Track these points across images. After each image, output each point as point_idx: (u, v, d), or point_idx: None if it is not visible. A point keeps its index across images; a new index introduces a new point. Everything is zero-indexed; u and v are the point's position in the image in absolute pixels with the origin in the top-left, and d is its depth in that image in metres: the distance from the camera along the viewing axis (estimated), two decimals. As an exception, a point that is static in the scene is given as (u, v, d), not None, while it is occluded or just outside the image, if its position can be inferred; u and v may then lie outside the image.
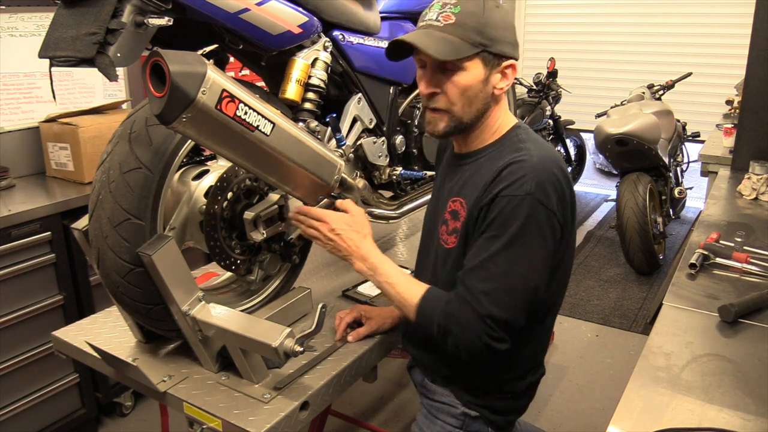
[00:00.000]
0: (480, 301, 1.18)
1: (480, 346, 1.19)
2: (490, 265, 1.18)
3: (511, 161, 1.22)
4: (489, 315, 1.17)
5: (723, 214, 2.13)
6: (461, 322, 1.19)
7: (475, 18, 1.21)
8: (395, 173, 1.88)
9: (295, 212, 1.40)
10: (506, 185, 1.19)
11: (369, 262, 1.33)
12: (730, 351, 1.28)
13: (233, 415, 1.25)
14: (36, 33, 2.55)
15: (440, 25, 1.22)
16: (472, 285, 1.19)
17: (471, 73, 1.24)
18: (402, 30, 1.91)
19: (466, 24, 1.21)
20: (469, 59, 1.22)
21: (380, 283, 1.33)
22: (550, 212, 1.20)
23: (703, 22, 5.17)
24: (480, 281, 1.19)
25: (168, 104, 1.06)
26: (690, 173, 4.73)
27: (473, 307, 1.18)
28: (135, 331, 1.52)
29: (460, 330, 1.19)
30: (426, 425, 1.42)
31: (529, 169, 1.20)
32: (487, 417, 1.37)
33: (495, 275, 1.18)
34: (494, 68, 1.26)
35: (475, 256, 1.21)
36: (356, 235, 1.34)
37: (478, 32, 1.21)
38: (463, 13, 1.21)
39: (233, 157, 1.24)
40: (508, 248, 1.18)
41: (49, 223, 2.23)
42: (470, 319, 1.18)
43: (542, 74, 4.88)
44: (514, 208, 1.18)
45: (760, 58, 2.46)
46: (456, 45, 1.21)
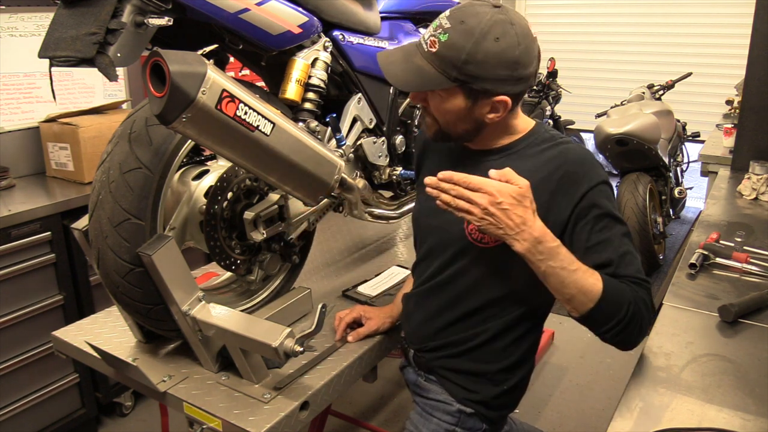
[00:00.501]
0: (644, 279, 1.21)
1: (650, 321, 1.24)
2: (625, 248, 1.21)
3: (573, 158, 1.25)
4: (650, 285, 1.23)
5: (723, 214, 2.13)
6: (647, 303, 1.20)
7: (457, 53, 1.15)
8: (395, 173, 1.88)
9: (440, 178, 1.14)
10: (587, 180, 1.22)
11: (544, 245, 1.13)
12: (730, 351, 1.28)
13: (233, 415, 1.25)
14: (36, 33, 2.55)
15: (424, 50, 1.20)
16: (630, 271, 1.21)
17: (449, 100, 1.22)
18: (402, 30, 1.91)
19: (445, 57, 1.16)
20: (446, 89, 1.20)
21: (554, 269, 1.15)
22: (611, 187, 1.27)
23: (703, 22, 5.17)
24: (631, 265, 1.21)
25: (168, 104, 1.06)
26: (690, 173, 4.73)
27: (644, 286, 1.21)
28: (135, 331, 1.52)
29: (647, 310, 1.20)
30: (421, 423, 1.42)
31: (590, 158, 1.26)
32: (482, 413, 1.38)
33: (633, 254, 1.22)
34: (479, 100, 1.21)
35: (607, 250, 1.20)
36: (525, 212, 1.12)
37: (456, 68, 1.16)
38: (447, 45, 1.16)
39: (233, 157, 1.24)
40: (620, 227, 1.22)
41: (49, 223, 2.23)
42: (647, 296, 1.21)
43: (542, 74, 4.87)
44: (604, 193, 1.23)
45: (760, 58, 2.46)
46: (428, 77, 1.19)
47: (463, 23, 1.15)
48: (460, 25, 1.16)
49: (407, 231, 2.38)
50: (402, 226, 2.41)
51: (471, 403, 1.38)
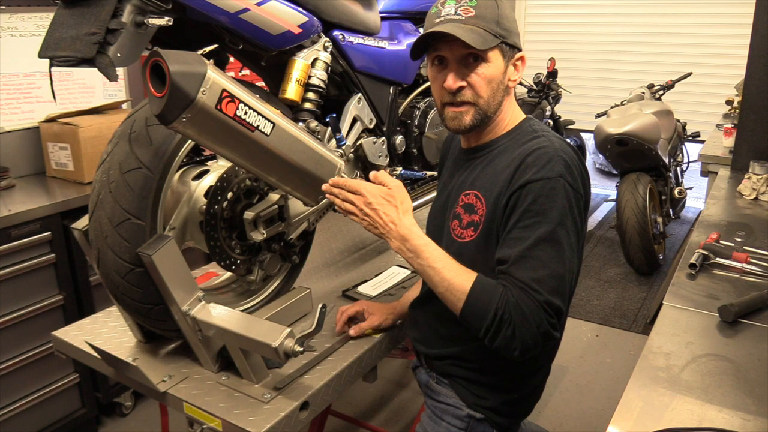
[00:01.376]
0: (536, 289, 1.13)
1: (537, 336, 1.14)
2: (536, 252, 1.15)
3: (536, 147, 1.22)
4: (547, 302, 1.13)
5: (723, 214, 2.13)
6: (523, 311, 1.13)
7: (492, 9, 1.23)
8: (395, 173, 1.88)
9: (329, 184, 1.28)
10: (536, 170, 1.18)
11: (410, 242, 1.22)
12: (730, 351, 1.28)
13: (233, 415, 1.25)
14: (36, 33, 2.55)
15: (462, 18, 1.22)
16: (522, 275, 1.14)
17: (494, 64, 1.25)
18: (402, 30, 1.91)
19: (486, 15, 1.23)
20: (492, 50, 1.24)
21: (422, 267, 1.22)
22: (578, 194, 1.21)
23: (703, 22, 5.17)
24: (530, 270, 1.14)
25: (168, 104, 1.06)
26: (690, 173, 4.73)
27: (531, 295, 1.13)
28: (135, 331, 1.52)
29: (522, 318, 1.13)
30: (431, 426, 1.41)
31: (554, 153, 1.20)
32: (493, 419, 1.36)
33: (544, 262, 1.15)
34: (510, 59, 1.28)
35: (515, 246, 1.16)
36: (394, 211, 1.24)
37: (497, 23, 1.23)
38: (481, 6, 1.23)
39: (233, 157, 1.24)
40: (552, 233, 1.15)
41: (49, 223, 2.23)
42: (531, 307, 1.13)
43: (542, 74, 4.88)
44: (551, 191, 1.16)
45: (760, 58, 2.46)
46: (483, 36, 1.21)
47: None
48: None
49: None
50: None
51: (481, 409, 1.36)
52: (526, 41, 6.04)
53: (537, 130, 1.30)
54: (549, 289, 1.14)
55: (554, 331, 1.16)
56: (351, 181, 1.27)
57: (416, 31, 1.97)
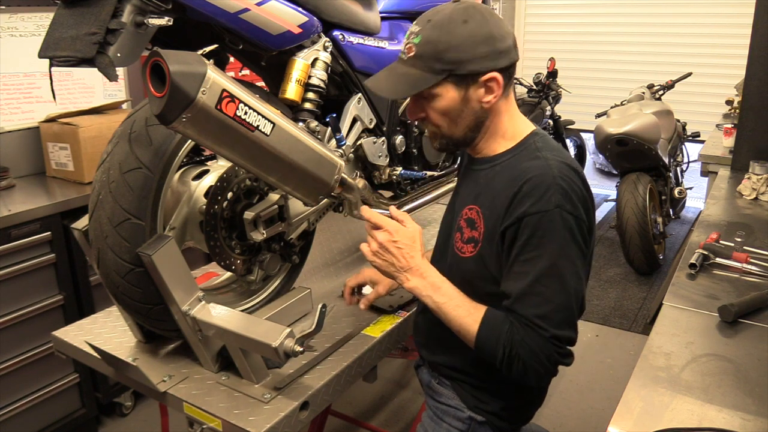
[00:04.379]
0: (541, 326, 1.14)
1: (549, 367, 1.17)
2: (538, 289, 1.15)
3: (532, 175, 1.18)
4: (554, 336, 1.15)
5: (723, 214, 2.13)
6: (530, 347, 1.15)
7: (433, 46, 1.19)
8: (395, 173, 1.87)
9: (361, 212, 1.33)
10: (533, 201, 1.16)
11: (429, 279, 1.25)
12: (730, 351, 1.28)
13: (233, 415, 1.25)
14: (36, 33, 2.55)
15: (404, 59, 1.24)
16: (527, 312, 1.15)
17: (444, 97, 1.23)
18: (402, 30, 1.91)
19: (424, 54, 1.20)
20: (438, 85, 1.21)
21: (438, 305, 1.24)
22: (579, 220, 1.18)
23: (703, 22, 5.17)
24: (534, 307, 1.15)
25: (168, 104, 1.06)
26: (690, 173, 4.73)
27: (537, 332, 1.15)
28: (135, 331, 1.52)
29: (529, 354, 1.15)
30: (431, 427, 1.41)
31: (552, 181, 1.16)
32: (494, 423, 1.36)
33: (548, 297, 1.15)
34: (471, 86, 1.22)
35: (518, 281, 1.17)
36: (416, 252, 1.27)
37: (438, 59, 1.19)
38: (423, 43, 1.20)
39: (233, 157, 1.24)
40: (552, 266, 1.15)
41: (49, 223, 2.23)
42: (538, 342, 1.15)
43: (542, 74, 4.88)
44: (549, 223, 1.14)
45: (760, 58, 2.46)
46: (415, 79, 1.21)
47: (430, 21, 1.21)
48: (428, 23, 1.21)
49: (407, 231, 2.38)
50: (402, 226, 2.41)
51: (483, 413, 1.35)
52: (526, 41, 6.04)
53: (540, 148, 1.25)
54: (554, 323, 1.15)
55: (565, 359, 1.18)
56: (377, 217, 1.28)
57: (416, 31, 1.97)
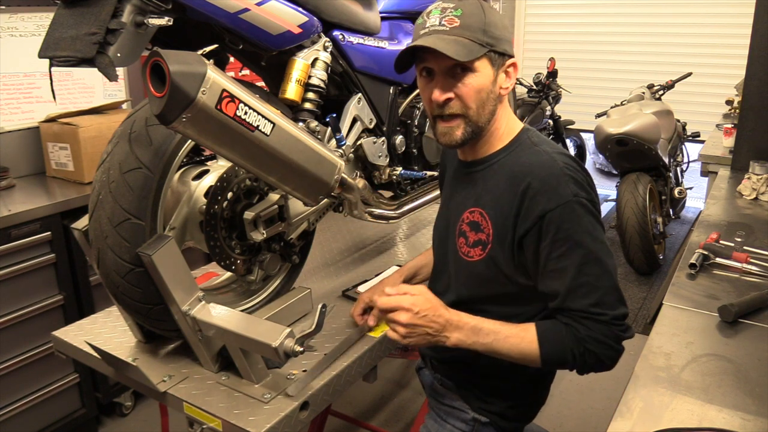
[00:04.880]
0: (599, 313, 1.16)
1: (618, 347, 1.19)
2: (583, 279, 1.16)
3: (538, 171, 1.19)
4: (613, 317, 1.17)
5: (723, 214, 2.13)
6: (596, 338, 1.16)
7: (478, 18, 1.20)
8: (395, 173, 1.88)
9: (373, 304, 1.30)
10: (548, 197, 1.16)
11: (468, 326, 1.21)
12: (730, 351, 1.28)
13: (233, 415, 1.25)
14: (36, 33, 2.55)
15: (446, 29, 1.20)
16: (581, 305, 1.17)
17: (482, 74, 1.22)
18: (402, 30, 1.91)
19: (471, 25, 1.20)
20: (479, 60, 1.21)
21: (487, 346, 1.21)
22: (594, 203, 1.21)
23: (703, 22, 5.17)
24: (585, 298, 1.16)
25: (168, 104, 1.06)
26: (690, 173, 4.73)
27: (596, 320, 1.16)
28: (135, 331, 1.52)
29: (598, 344, 1.17)
30: (435, 428, 1.41)
31: (560, 173, 1.18)
32: (498, 423, 1.36)
33: (594, 284, 1.16)
34: (500, 67, 1.25)
35: (560, 279, 1.17)
36: (440, 310, 1.21)
37: (484, 32, 1.20)
38: (466, 15, 1.20)
39: (233, 157, 1.24)
40: (588, 253, 1.16)
41: (49, 223, 2.23)
42: (602, 330, 1.16)
43: (542, 74, 4.88)
44: (570, 214, 1.16)
45: (760, 58, 2.46)
46: (468, 46, 1.19)
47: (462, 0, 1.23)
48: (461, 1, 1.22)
49: (407, 231, 2.38)
50: (402, 226, 2.41)
51: (486, 413, 1.35)
52: (526, 41, 6.04)
53: (536, 143, 1.27)
54: (609, 305, 1.17)
55: (627, 334, 1.19)
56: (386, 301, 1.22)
57: (416, 31, 1.97)
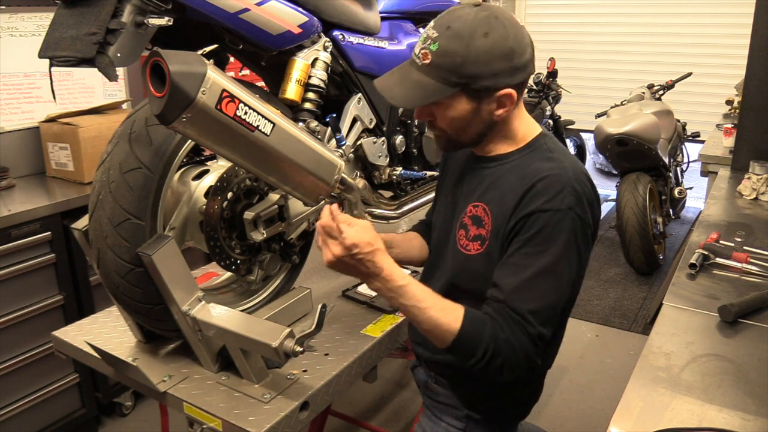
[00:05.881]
0: (531, 322, 1.14)
1: (526, 366, 1.17)
2: (536, 282, 1.15)
3: (547, 174, 1.18)
4: (539, 334, 1.15)
5: (723, 214, 2.13)
6: (513, 345, 1.14)
7: (451, 58, 1.15)
8: (395, 173, 1.88)
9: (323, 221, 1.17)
10: (546, 199, 1.15)
11: (393, 283, 1.16)
12: (730, 351, 1.28)
13: (233, 415, 1.25)
14: (36, 33, 2.55)
15: (418, 64, 1.19)
16: (519, 306, 1.15)
17: (454, 107, 1.20)
18: (402, 30, 1.91)
19: (441, 65, 1.16)
20: (448, 97, 1.18)
21: (405, 306, 1.16)
22: (586, 225, 1.18)
23: (703, 22, 5.17)
24: (528, 301, 1.15)
25: (168, 104, 1.06)
26: (690, 173, 4.73)
27: (524, 328, 1.14)
28: (135, 331, 1.52)
29: (511, 352, 1.14)
30: (429, 426, 1.41)
31: (567, 182, 1.16)
32: (491, 420, 1.36)
33: (543, 293, 1.15)
34: (484, 99, 1.19)
35: (516, 274, 1.16)
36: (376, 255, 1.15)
37: (455, 72, 1.15)
38: (440, 52, 1.15)
39: (233, 157, 1.24)
40: (553, 265, 1.15)
41: (49, 223, 2.23)
42: (522, 340, 1.14)
43: (542, 74, 4.87)
44: (558, 223, 1.14)
45: (760, 58, 2.46)
46: (429, 88, 1.17)
47: (449, 28, 1.16)
48: (447, 31, 1.15)
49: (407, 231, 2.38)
50: (402, 227, 2.41)
51: (480, 410, 1.36)
52: (526, 41, 6.04)
53: (552, 149, 1.25)
54: (542, 320, 1.15)
55: (539, 359, 1.18)
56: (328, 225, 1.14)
57: (416, 32, 1.97)
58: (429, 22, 2.14)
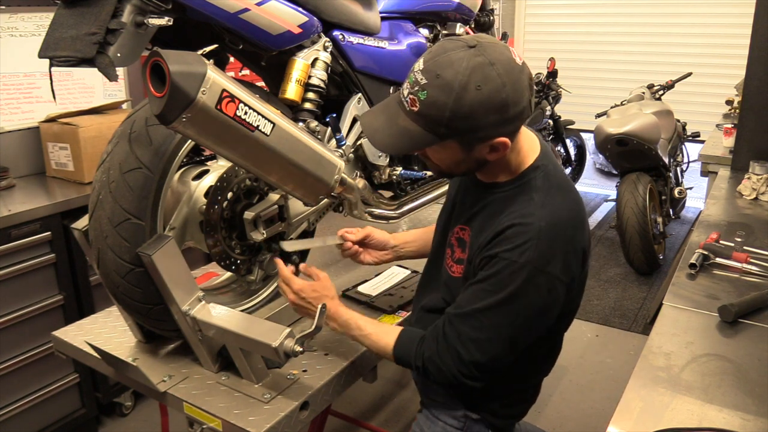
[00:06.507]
0: (467, 348, 1.19)
1: (454, 383, 1.24)
2: (482, 317, 1.18)
3: (518, 222, 1.15)
4: (473, 361, 1.20)
5: (723, 214, 2.13)
6: (437, 364, 1.23)
7: (440, 111, 1.08)
8: (395, 173, 1.87)
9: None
10: (508, 248, 1.14)
11: (339, 320, 1.36)
12: (730, 351, 1.28)
13: (233, 415, 1.25)
14: (36, 33, 2.55)
15: (406, 109, 1.13)
16: (462, 330, 1.20)
17: (444, 152, 1.18)
18: (402, 30, 1.91)
19: (429, 116, 1.10)
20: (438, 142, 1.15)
21: (355, 337, 1.36)
22: (551, 277, 1.15)
23: (703, 22, 5.17)
24: (470, 329, 1.19)
25: (168, 104, 1.06)
26: (690, 173, 4.73)
27: (458, 351, 1.20)
28: (135, 331, 1.52)
29: (437, 370, 1.23)
30: (427, 426, 1.41)
31: (533, 234, 1.13)
32: (489, 420, 1.36)
33: (486, 326, 1.18)
34: (475, 147, 1.15)
35: (469, 303, 1.20)
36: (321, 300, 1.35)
37: (443, 125, 1.10)
38: (428, 103, 1.09)
39: (233, 157, 1.24)
40: (501, 307, 1.16)
41: (49, 223, 2.23)
42: (448, 363, 1.21)
43: (542, 74, 4.88)
44: (512, 274, 1.14)
45: (760, 58, 2.46)
46: (416, 137, 1.13)
47: (439, 77, 1.07)
48: (437, 79, 1.07)
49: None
50: (402, 227, 2.41)
51: (477, 409, 1.36)
52: (526, 41, 6.05)
53: (537, 188, 1.20)
54: (481, 350, 1.19)
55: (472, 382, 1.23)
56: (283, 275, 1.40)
57: (416, 32, 1.97)
58: (429, 22, 2.14)
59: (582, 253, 1.23)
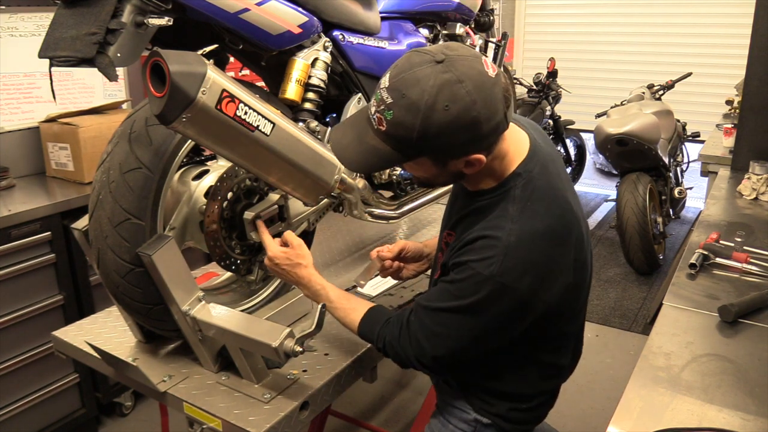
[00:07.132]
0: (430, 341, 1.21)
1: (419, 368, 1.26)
2: (445, 316, 1.19)
3: (488, 234, 1.13)
4: (433, 355, 1.21)
5: (723, 214, 2.13)
6: (396, 349, 1.26)
7: (407, 131, 1.04)
8: (395, 173, 1.87)
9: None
10: (475, 259, 1.13)
11: (311, 289, 1.37)
12: (730, 351, 1.28)
13: (233, 415, 1.25)
14: (36, 33, 2.55)
15: (374, 127, 1.10)
16: (426, 323, 1.21)
17: (419, 167, 1.16)
18: (402, 30, 1.91)
19: (396, 136, 1.06)
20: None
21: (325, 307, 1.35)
22: (517, 294, 1.12)
23: (703, 22, 5.17)
24: (433, 324, 1.21)
25: (168, 104, 1.06)
26: (690, 173, 4.73)
27: (420, 342, 1.22)
28: (135, 331, 1.52)
29: (395, 354, 1.27)
30: (438, 428, 1.40)
31: (500, 250, 1.10)
32: (500, 425, 1.34)
33: (448, 325, 1.19)
34: (449, 163, 1.12)
35: (437, 299, 1.21)
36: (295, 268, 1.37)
37: (411, 146, 1.07)
38: (395, 123, 1.05)
39: (233, 157, 1.24)
40: (463, 314, 1.17)
41: (49, 223, 2.23)
42: (408, 350, 1.24)
43: (542, 74, 4.88)
44: (477, 284, 1.12)
45: (760, 58, 2.46)
46: (385, 156, 1.10)
47: (405, 96, 1.03)
48: (402, 99, 1.03)
49: (407, 231, 2.38)
50: (402, 227, 2.41)
51: (488, 414, 1.33)
52: (526, 41, 6.05)
53: (517, 198, 1.15)
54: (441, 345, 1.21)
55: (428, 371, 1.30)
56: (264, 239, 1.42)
57: (416, 32, 1.97)
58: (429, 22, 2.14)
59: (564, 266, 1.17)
